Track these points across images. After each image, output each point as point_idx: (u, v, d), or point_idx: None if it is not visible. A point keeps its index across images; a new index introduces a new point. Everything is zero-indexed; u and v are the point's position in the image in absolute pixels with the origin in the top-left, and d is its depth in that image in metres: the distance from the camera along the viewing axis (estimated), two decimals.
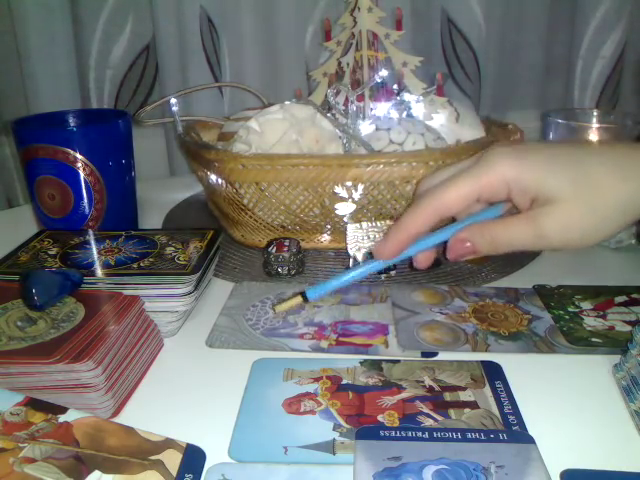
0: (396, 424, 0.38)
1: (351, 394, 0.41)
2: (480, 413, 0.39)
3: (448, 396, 0.40)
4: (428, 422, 0.38)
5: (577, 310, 0.51)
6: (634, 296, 0.52)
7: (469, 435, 0.36)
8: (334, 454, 0.35)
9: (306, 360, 0.45)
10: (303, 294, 0.42)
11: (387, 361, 0.44)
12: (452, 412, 0.39)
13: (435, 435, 0.36)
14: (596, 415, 0.39)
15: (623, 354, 0.41)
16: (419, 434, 0.36)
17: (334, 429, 0.37)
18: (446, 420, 0.38)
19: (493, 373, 0.43)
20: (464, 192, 0.39)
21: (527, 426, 0.37)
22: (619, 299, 0.52)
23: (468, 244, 0.39)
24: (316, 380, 0.42)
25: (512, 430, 0.37)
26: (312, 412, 0.39)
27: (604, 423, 0.38)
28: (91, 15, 0.92)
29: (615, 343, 0.45)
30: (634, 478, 0.34)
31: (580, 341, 0.46)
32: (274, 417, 0.39)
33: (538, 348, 0.46)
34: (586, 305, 0.51)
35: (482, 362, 0.44)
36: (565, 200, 0.36)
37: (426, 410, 0.39)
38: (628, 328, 0.47)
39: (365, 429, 0.37)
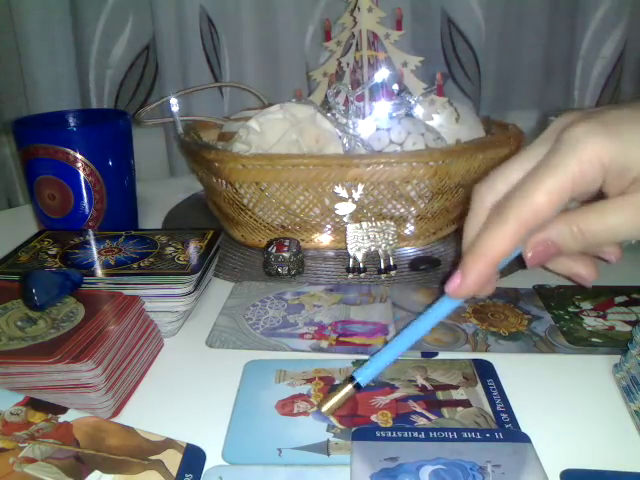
0: (390, 424, 0.37)
1: None
2: (473, 411, 0.39)
3: (441, 395, 0.40)
4: (421, 421, 0.38)
5: (577, 310, 0.51)
6: (634, 296, 0.52)
7: (465, 435, 0.36)
8: (328, 455, 0.35)
9: (298, 361, 0.45)
10: (352, 379, 0.37)
11: None
12: (445, 411, 0.39)
13: (431, 435, 0.36)
14: (596, 415, 0.39)
15: (623, 354, 0.41)
16: (415, 434, 0.36)
17: (328, 430, 0.37)
18: (439, 419, 0.38)
19: (484, 371, 0.43)
20: (556, 190, 0.30)
21: (525, 426, 0.37)
22: (619, 299, 0.52)
23: (550, 243, 0.32)
24: (309, 381, 0.42)
25: (507, 429, 0.37)
26: (305, 413, 0.39)
27: (604, 423, 0.38)
28: (91, 15, 0.92)
29: (615, 343, 0.45)
30: (634, 478, 0.34)
31: (580, 341, 0.46)
32: (267, 419, 0.38)
33: (538, 348, 0.46)
34: (586, 305, 0.51)
35: (474, 360, 0.44)
36: None
37: (419, 409, 0.39)
38: (628, 328, 0.47)
39: (361, 430, 0.37)
